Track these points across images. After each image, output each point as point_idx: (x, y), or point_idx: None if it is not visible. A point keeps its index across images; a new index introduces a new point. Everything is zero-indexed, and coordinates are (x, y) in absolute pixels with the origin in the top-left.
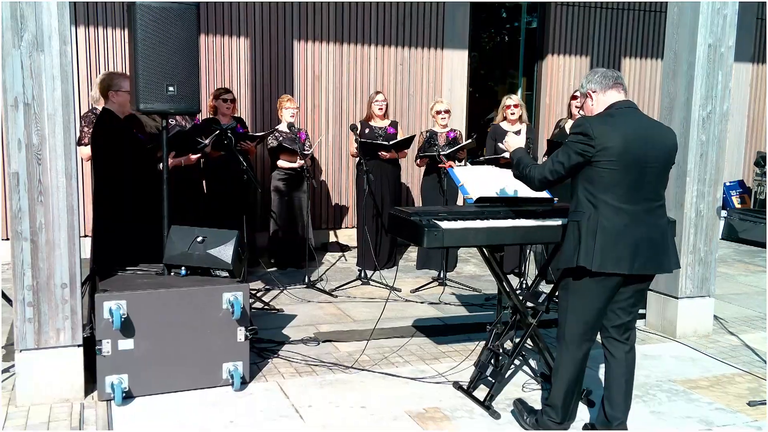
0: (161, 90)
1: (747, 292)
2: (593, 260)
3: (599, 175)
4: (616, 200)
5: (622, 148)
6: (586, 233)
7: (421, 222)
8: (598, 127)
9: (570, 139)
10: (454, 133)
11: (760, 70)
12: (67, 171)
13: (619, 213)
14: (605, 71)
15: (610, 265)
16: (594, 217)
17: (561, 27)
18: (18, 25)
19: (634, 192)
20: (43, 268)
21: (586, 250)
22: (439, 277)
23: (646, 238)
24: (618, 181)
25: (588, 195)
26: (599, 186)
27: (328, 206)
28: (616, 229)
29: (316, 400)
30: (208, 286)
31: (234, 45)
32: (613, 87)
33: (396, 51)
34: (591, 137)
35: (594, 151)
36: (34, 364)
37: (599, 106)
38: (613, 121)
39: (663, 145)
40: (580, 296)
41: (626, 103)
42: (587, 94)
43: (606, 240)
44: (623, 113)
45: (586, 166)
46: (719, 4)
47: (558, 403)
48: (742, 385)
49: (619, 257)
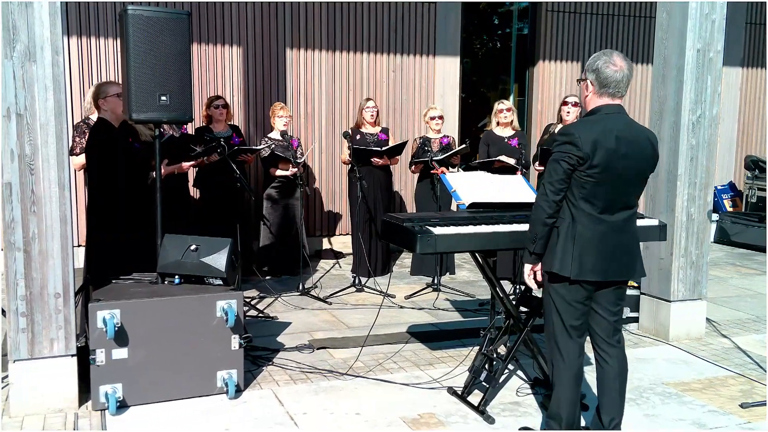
0: (154, 99)
1: (739, 294)
2: (571, 269)
3: (581, 184)
4: (594, 210)
5: (606, 160)
6: (565, 240)
7: (414, 228)
8: (585, 136)
9: (558, 150)
10: (447, 139)
11: (750, 74)
12: (60, 181)
13: (597, 222)
14: (614, 74)
15: (586, 274)
16: (573, 225)
17: (552, 33)
18: (10, 36)
19: (612, 202)
20: (37, 278)
21: (564, 258)
22: (433, 283)
23: (622, 247)
24: (599, 191)
25: (569, 202)
26: (580, 195)
27: (322, 213)
28: (594, 239)
29: (311, 407)
30: (202, 295)
31: (226, 53)
32: (609, 96)
33: (388, 58)
34: (579, 147)
35: (582, 160)
36: (28, 375)
37: (588, 104)
38: (597, 128)
39: (644, 156)
40: (561, 298)
41: (614, 108)
42: (587, 82)
43: (584, 249)
44: (608, 119)
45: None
46: (707, 8)
47: (559, 412)
48: (734, 388)
49: (595, 265)
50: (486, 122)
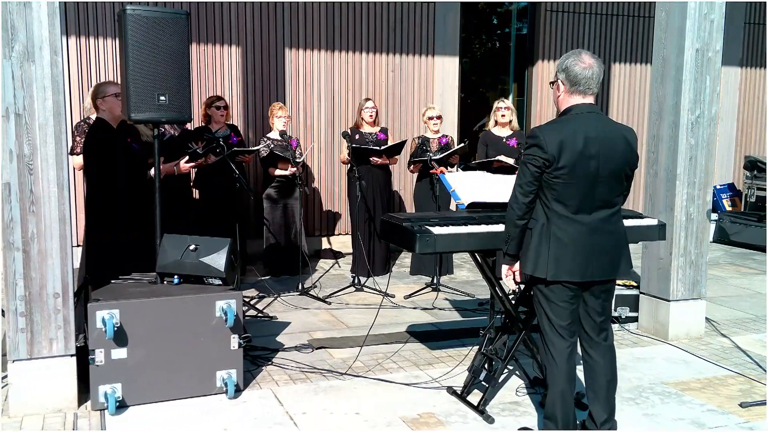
0: (152, 99)
1: (738, 294)
2: (547, 270)
3: (551, 186)
4: (568, 211)
5: (573, 161)
6: (539, 242)
7: (414, 228)
8: (550, 139)
9: (525, 152)
10: (446, 139)
11: (748, 73)
12: (59, 181)
13: (572, 223)
14: (583, 71)
15: (563, 275)
16: (547, 226)
17: (551, 33)
18: (9, 36)
19: (586, 202)
20: (36, 277)
21: (539, 260)
22: (433, 283)
23: (600, 247)
24: (570, 192)
25: (542, 204)
26: (552, 196)
27: (321, 213)
28: (569, 239)
29: (311, 407)
30: (201, 294)
31: (225, 53)
32: (580, 93)
33: (387, 58)
34: (544, 150)
35: (548, 163)
36: (27, 375)
37: (561, 104)
38: (565, 129)
39: (618, 154)
40: (545, 299)
41: (586, 108)
42: (558, 83)
43: (559, 250)
44: (579, 119)
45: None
46: (706, 8)
47: (554, 413)
48: (734, 387)
49: (572, 266)
50: (485, 122)
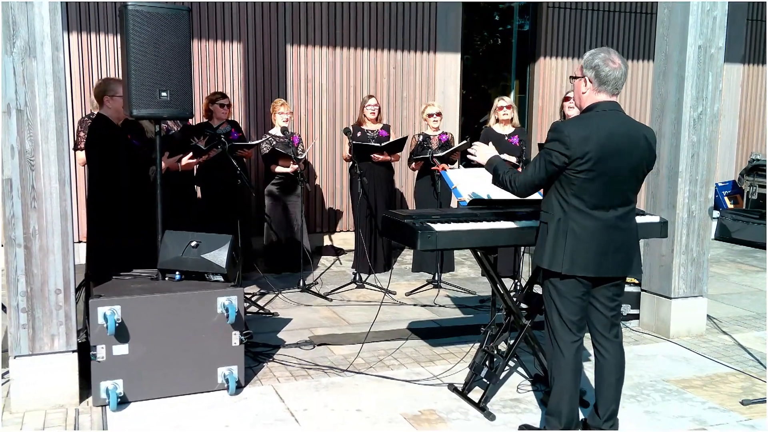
0: (154, 95)
1: (740, 291)
2: (562, 264)
3: (571, 181)
4: (586, 206)
5: (597, 158)
6: (555, 236)
7: (415, 225)
8: (575, 135)
9: (546, 146)
10: (446, 136)
11: (751, 70)
12: (60, 177)
13: (589, 218)
14: (613, 71)
15: (578, 269)
16: (564, 220)
17: (553, 29)
18: (10, 32)
19: (604, 199)
20: (37, 274)
21: (555, 254)
22: (434, 280)
23: (615, 243)
24: (589, 188)
25: (559, 198)
26: (571, 191)
27: (323, 210)
28: (586, 234)
29: (312, 404)
30: (203, 291)
31: (227, 49)
32: (607, 93)
33: (389, 54)
34: (567, 146)
35: (568, 160)
36: (29, 371)
37: (585, 101)
38: (590, 125)
39: (638, 153)
40: (557, 293)
41: (610, 105)
42: (584, 79)
43: (575, 244)
44: (603, 116)
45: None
46: (709, 5)
47: (559, 407)
48: (735, 384)
49: (587, 261)
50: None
